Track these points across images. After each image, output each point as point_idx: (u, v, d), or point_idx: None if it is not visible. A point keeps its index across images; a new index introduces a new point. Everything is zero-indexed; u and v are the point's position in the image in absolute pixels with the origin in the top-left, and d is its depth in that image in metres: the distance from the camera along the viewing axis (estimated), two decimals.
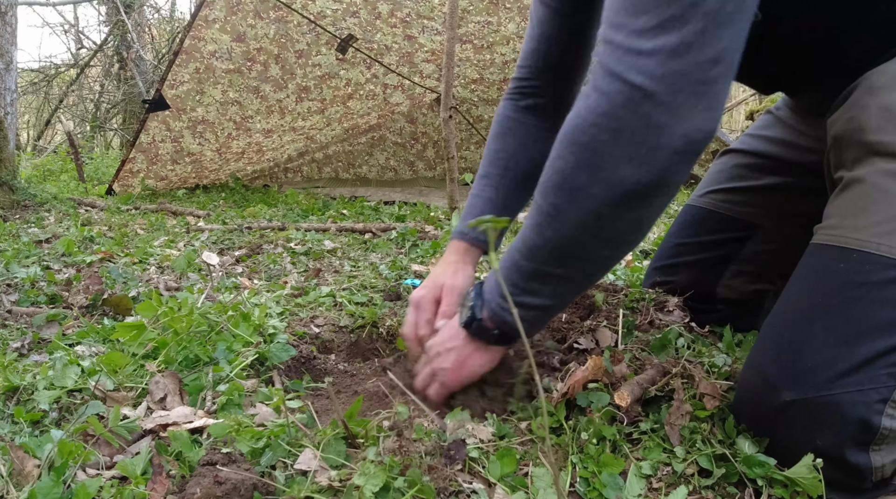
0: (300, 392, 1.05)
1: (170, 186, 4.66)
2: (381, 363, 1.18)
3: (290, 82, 4.27)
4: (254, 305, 1.29)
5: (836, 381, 0.72)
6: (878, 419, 0.71)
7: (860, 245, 0.74)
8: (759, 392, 0.78)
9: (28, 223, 3.00)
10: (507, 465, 0.75)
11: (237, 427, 0.80)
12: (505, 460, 0.76)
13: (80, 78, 8.98)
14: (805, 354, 0.74)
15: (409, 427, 0.79)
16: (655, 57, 0.62)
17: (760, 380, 0.78)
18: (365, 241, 2.56)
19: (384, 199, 4.45)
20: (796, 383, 0.74)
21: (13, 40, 4.69)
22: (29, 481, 0.72)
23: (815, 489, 0.71)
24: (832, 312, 0.74)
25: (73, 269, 1.96)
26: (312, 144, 5.07)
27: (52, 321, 1.39)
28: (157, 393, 0.95)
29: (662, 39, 0.62)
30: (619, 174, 0.67)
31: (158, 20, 9.67)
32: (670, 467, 0.77)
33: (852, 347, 0.72)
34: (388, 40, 4.21)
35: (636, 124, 0.64)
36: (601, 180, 0.68)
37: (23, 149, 8.64)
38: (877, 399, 0.71)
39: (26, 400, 0.94)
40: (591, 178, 0.69)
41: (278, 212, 3.55)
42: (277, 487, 0.71)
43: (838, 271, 0.75)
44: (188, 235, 2.68)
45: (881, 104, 0.78)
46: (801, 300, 0.79)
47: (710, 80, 0.63)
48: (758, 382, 0.78)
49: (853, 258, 0.74)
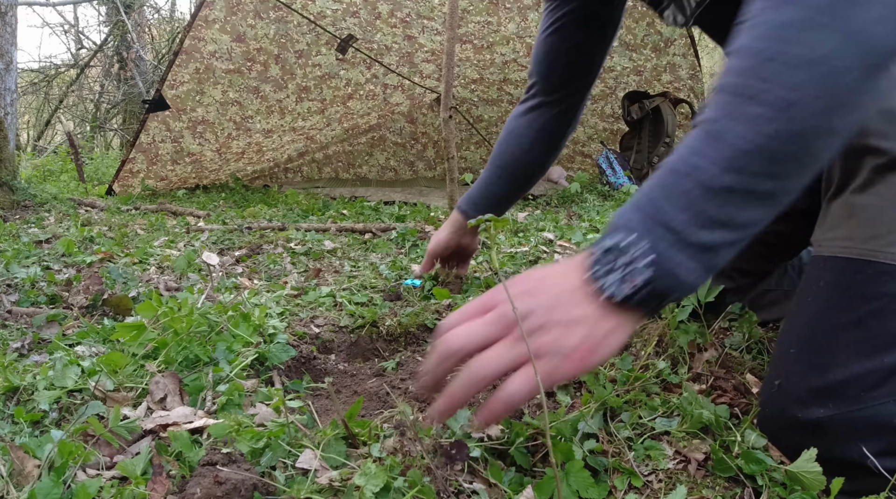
0: (300, 392, 1.05)
1: (170, 187, 4.66)
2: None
3: (290, 82, 4.27)
4: (254, 305, 1.29)
5: (868, 393, 0.71)
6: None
7: (876, 256, 0.73)
8: (787, 411, 0.77)
9: (28, 223, 3.00)
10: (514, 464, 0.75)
11: (237, 427, 0.80)
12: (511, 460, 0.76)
13: (80, 78, 8.98)
14: (833, 370, 0.74)
15: (410, 427, 0.79)
16: None
17: (788, 399, 0.77)
18: (365, 241, 2.56)
19: (384, 199, 4.45)
20: (827, 400, 0.73)
21: (13, 40, 4.69)
22: (29, 482, 0.72)
23: (817, 485, 0.71)
24: (855, 326, 0.74)
25: (73, 269, 1.96)
26: (312, 144, 5.07)
27: (52, 321, 1.39)
28: (157, 393, 0.95)
29: None
30: (875, 33, 0.55)
31: (158, 20, 9.68)
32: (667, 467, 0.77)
33: (879, 359, 0.71)
34: (388, 40, 4.21)
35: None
36: (856, 44, 0.55)
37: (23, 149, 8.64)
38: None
39: (26, 400, 0.94)
40: (842, 42, 0.55)
41: (278, 212, 3.55)
42: (278, 487, 0.71)
43: (856, 284, 0.75)
44: (188, 236, 2.68)
45: (882, 108, 0.76)
46: (820, 316, 0.78)
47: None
48: (785, 401, 0.78)
49: (870, 270, 0.74)
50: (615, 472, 0.77)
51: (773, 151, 0.57)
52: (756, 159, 0.57)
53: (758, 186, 0.58)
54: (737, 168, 0.58)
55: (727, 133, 0.58)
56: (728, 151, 0.58)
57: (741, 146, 0.57)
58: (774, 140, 0.57)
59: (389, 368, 1.18)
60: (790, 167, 0.58)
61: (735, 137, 0.58)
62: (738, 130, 0.58)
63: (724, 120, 0.59)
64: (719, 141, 0.59)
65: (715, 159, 0.58)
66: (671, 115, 4.55)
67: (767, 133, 0.57)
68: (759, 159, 0.57)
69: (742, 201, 0.58)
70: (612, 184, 4.39)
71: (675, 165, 0.61)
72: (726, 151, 0.58)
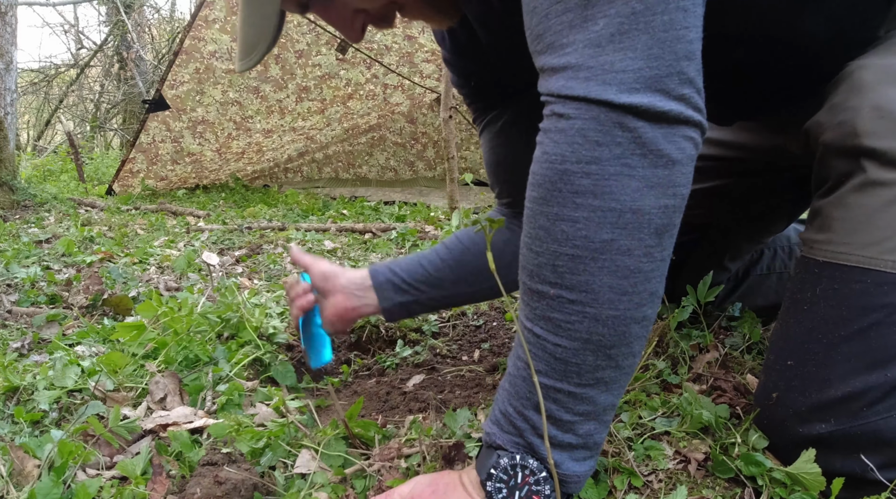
0: (300, 393, 1.05)
1: (170, 186, 4.66)
2: None
3: (290, 82, 4.27)
4: (254, 305, 1.29)
5: (871, 408, 0.70)
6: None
7: (875, 264, 0.71)
8: (787, 425, 0.76)
9: (28, 223, 3.00)
10: None
11: (237, 427, 0.80)
12: None
13: (80, 78, 8.99)
14: (834, 385, 0.72)
15: (409, 429, 0.79)
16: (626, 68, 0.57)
17: (787, 413, 0.76)
18: (365, 241, 2.56)
19: (384, 199, 4.45)
20: (828, 415, 0.72)
21: (13, 40, 4.69)
22: (29, 481, 0.72)
23: (817, 486, 0.71)
24: (856, 338, 0.72)
25: (73, 269, 1.96)
26: (312, 144, 5.07)
27: (52, 321, 1.39)
28: (157, 393, 0.95)
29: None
30: (645, 206, 0.58)
31: (158, 20, 9.68)
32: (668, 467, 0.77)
33: (882, 373, 0.69)
34: (388, 40, 4.21)
35: (637, 145, 0.58)
36: (630, 223, 0.58)
37: (23, 149, 8.65)
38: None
39: (26, 400, 0.94)
40: (615, 225, 0.58)
41: (278, 212, 3.55)
42: (277, 487, 0.71)
43: (855, 294, 0.72)
44: (188, 235, 2.68)
45: (873, 104, 0.73)
46: (819, 327, 0.75)
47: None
48: (784, 415, 0.76)
49: (869, 279, 0.71)
50: (615, 472, 0.77)
51: (594, 342, 0.61)
52: (581, 357, 0.61)
53: (600, 375, 0.62)
54: (566, 376, 0.62)
55: (535, 352, 0.63)
56: (551, 366, 0.62)
57: (562, 354, 0.61)
58: (588, 333, 0.60)
59: (389, 368, 1.18)
60: (619, 346, 0.61)
61: (548, 353, 0.62)
62: (542, 348, 0.62)
63: (516, 349, 0.65)
64: (535, 365, 0.63)
65: (548, 374, 0.62)
66: None
67: (577, 330, 0.60)
68: (583, 355, 0.61)
69: (589, 394, 0.62)
70: None
71: (506, 393, 0.66)
72: (550, 367, 0.62)
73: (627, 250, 0.58)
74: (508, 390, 0.66)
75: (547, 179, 0.60)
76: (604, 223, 0.58)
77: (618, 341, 0.61)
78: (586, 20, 0.58)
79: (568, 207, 0.59)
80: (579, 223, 0.58)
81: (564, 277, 0.59)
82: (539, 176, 0.61)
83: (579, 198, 0.58)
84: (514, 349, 0.66)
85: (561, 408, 0.62)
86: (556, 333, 0.61)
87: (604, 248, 0.58)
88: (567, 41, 0.59)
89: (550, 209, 0.59)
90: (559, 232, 0.59)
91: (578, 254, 0.59)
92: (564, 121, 0.59)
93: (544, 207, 0.60)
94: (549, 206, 0.60)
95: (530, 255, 0.62)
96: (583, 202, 0.58)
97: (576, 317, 0.60)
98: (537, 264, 0.61)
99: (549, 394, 0.62)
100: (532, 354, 0.63)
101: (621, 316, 0.60)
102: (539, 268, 0.61)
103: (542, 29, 0.60)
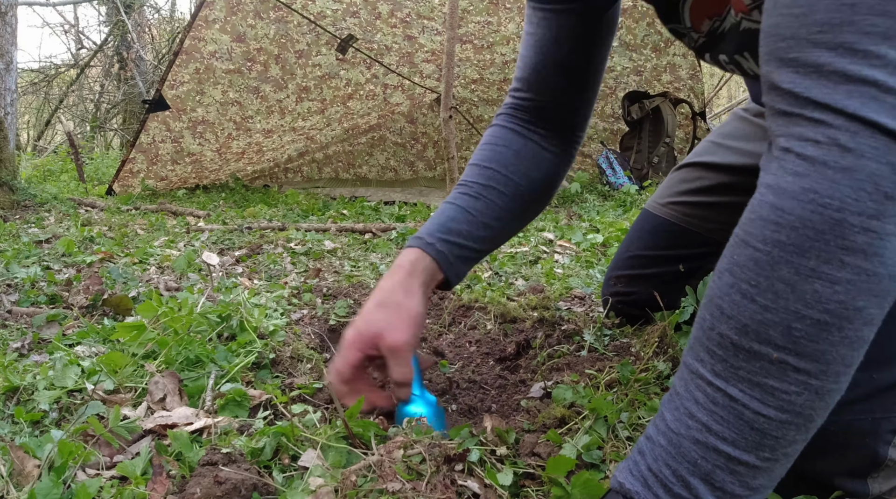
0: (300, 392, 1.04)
1: (170, 186, 4.66)
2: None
3: (290, 82, 4.27)
4: (254, 305, 1.29)
5: (847, 406, 0.64)
6: (886, 450, 0.68)
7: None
8: None
9: (28, 223, 3.01)
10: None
11: (237, 427, 0.80)
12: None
13: (80, 78, 8.99)
14: None
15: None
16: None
17: None
18: (365, 241, 2.57)
19: (384, 199, 4.46)
20: None
21: (13, 40, 4.70)
22: (29, 481, 0.72)
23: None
24: None
25: (73, 269, 1.96)
26: (312, 144, 5.07)
27: (52, 321, 1.39)
28: (156, 393, 0.95)
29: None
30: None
31: (158, 20, 9.68)
32: None
33: (869, 375, 0.66)
34: (388, 40, 4.22)
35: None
36: (886, 291, 0.49)
37: (23, 149, 8.65)
38: (888, 429, 0.67)
39: (26, 400, 0.94)
40: (872, 293, 0.49)
41: (278, 212, 3.56)
42: (277, 487, 0.71)
43: None
44: (188, 236, 2.68)
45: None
46: None
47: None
48: None
49: None
50: None
51: (804, 415, 0.53)
52: (782, 431, 0.52)
53: (788, 449, 0.53)
54: (756, 448, 0.53)
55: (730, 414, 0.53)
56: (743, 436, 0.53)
57: (760, 425, 0.52)
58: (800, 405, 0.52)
59: None
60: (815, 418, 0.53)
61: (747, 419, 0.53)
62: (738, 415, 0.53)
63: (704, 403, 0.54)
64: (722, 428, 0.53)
65: (735, 443, 0.53)
66: (671, 116, 4.55)
67: (794, 403, 0.52)
68: (786, 428, 0.52)
69: (771, 468, 0.54)
70: (612, 184, 4.40)
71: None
72: (742, 436, 0.53)
73: (871, 321, 0.50)
74: (666, 447, 0.55)
75: (811, 226, 0.49)
76: (863, 289, 0.49)
77: (822, 416, 0.53)
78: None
79: (833, 264, 0.49)
80: (839, 285, 0.49)
81: (799, 342, 0.50)
82: (797, 218, 0.50)
83: (849, 256, 0.48)
84: (676, 400, 0.56)
85: (737, 481, 0.53)
86: (764, 402, 0.51)
87: (854, 316, 0.49)
88: (881, 52, 0.47)
89: (806, 263, 0.49)
90: (810, 292, 0.49)
91: (826, 320, 0.49)
92: (852, 157, 0.48)
93: (797, 258, 0.50)
94: (804, 258, 0.49)
95: (754, 308, 0.52)
96: (851, 262, 0.48)
97: (796, 387, 0.50)
98: (763, 322, 0.51)
99: (728, 464, 0.52)
100: (715, 416, 0.53)
101: (838, 390, 0.52)
102: (764, 326, 0.51)
103: (838, 19, 0.49)
